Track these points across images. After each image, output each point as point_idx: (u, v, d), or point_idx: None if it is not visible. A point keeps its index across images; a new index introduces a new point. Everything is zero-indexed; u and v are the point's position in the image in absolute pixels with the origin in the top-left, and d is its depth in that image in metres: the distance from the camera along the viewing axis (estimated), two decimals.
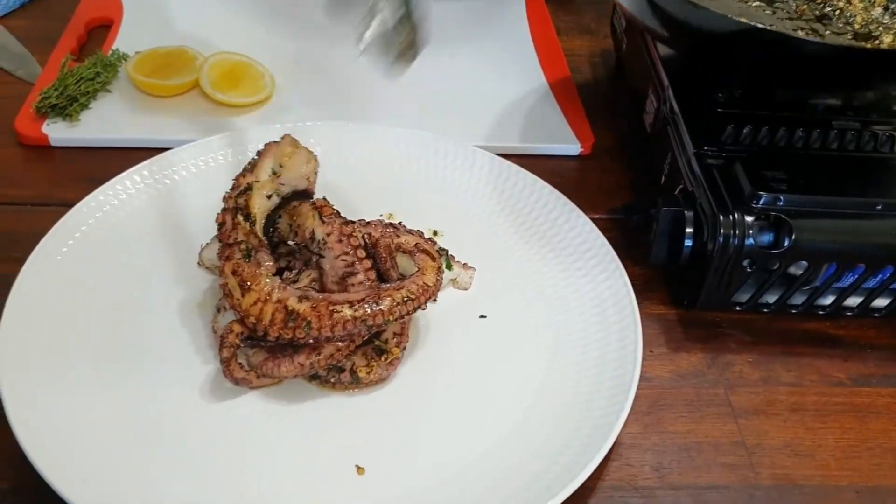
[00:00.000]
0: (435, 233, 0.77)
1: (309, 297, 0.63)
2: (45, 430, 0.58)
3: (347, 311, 0.62)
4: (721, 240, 0.68)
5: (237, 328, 0.63)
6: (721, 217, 0.68)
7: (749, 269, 0.69)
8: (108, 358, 0.65)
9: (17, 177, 0.83)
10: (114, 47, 0.97)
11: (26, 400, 0.60)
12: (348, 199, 0.70)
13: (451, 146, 0.84)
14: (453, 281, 0.73)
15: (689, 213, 0.71)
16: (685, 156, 0.76)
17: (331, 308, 0.62)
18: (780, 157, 0.75)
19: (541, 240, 0.76)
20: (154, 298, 0.70)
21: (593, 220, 0.77)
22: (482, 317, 0.71)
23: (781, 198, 0.69)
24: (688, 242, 0.71)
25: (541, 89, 0.97)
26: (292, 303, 0.62)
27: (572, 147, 0.90)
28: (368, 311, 0.62)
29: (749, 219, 0.68)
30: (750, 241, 0.68)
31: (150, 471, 0.58)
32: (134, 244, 0.73)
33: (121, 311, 0.68)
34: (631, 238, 0.81)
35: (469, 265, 0.74)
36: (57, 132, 0.86)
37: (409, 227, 0.72)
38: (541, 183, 0.80)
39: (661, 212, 0.72)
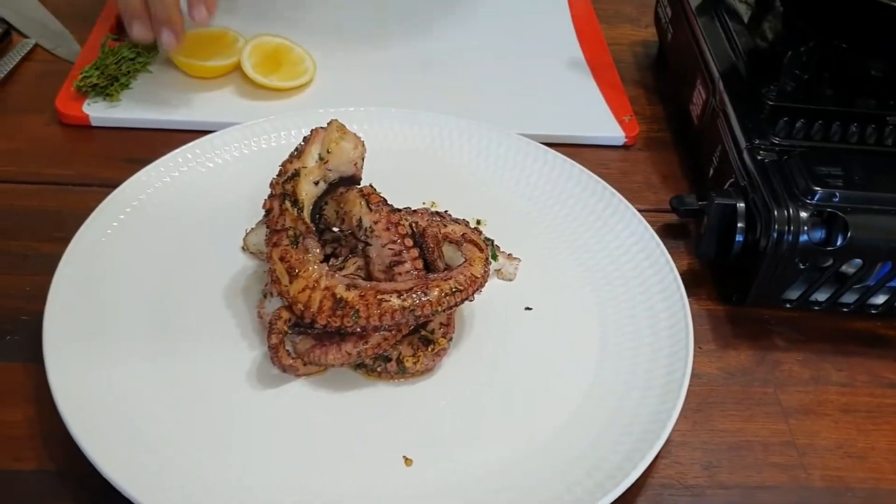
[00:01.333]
0: (478, 222, 0.76)
1: (357, 286, 0.62)
2: (91, 412, 0.58)
3: (396, 301, 0.61)
4: (775, 236, 0.66)
5: (285, 314, 0.62)
6: (776, 212, 0.67)
7: (802, 267, 0.68)
8: (153, 341, 0.64)
9: (58, 156, 0.82)
10: None
11: (72, 382, 0.59)
12: (391, 186, 0.69)
13: (495, 134, 0.83)
14: (498, 272, 0.72)
15: (741, 208, 0.70)
16: (736, 149, 0.74)
17: (379, 297, 0.61)
18: (833, 153, 0.73)
19: (587, 231, 0.75)
20: (198, 282, 0.69)
21: (638, 211, 0.75)
22: (528, 309, 0.70)
23: (837, 194, 0.68)
24: (739, 237, 0.70)
25: (584, 78, 0.96)
26: (340, 290, 0.62)
27: (617, 137, 0.89)
28: (417, 301, 0.61)
29: (804, 215, 0.67)
30: (804, 237, 0.66)
31: (196, 456, 0.58)
32: (177, 227, 0.73)
33: (165, 294, 0.68)
34: (676, 231, 0.80)
35: (514, 256, 0.73)
36: (98, 112, 0.85)
37: (453, 215, 0.71)
38: (586, 173, 0.79)
39: (712, 205, 0.71)
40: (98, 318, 0.65)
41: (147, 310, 0.66)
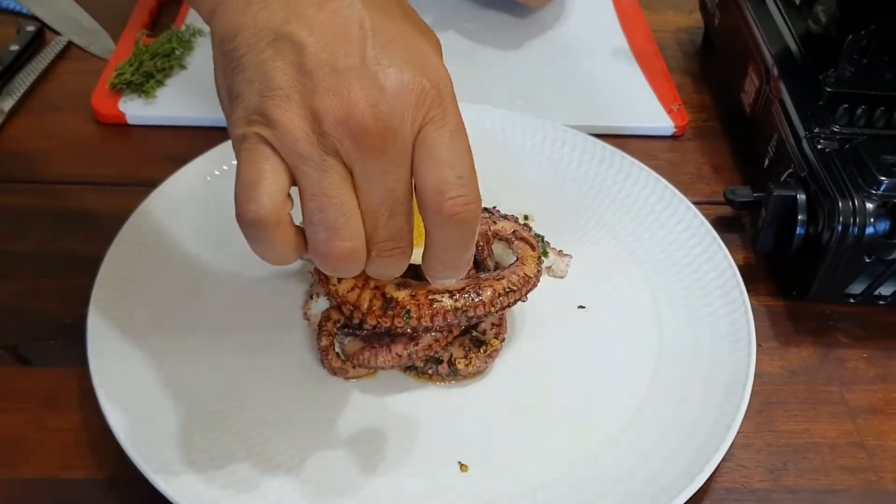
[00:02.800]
0: (526, 217, 0.74)
1: (407, 285, 0.60)
2: (138, 418, 0.56)
3: (447, 301, 0.59)
4: (839, 228, 0.64)
5: (335, 315, 0.60)
6: (840, 204, 0.64)
7: (867, 260, 0.65)
8: (199, 345, 0.63)
9: (95, 156, 0.81)
10: (187, 22, 0.95)
11: (118, 387, 0.58)
12: None
13: (540, 125, 0.81)
14: (549, 269, 0.70)
15: (801, 199, 0.67)
16: (794, 138, 0.71)
17: (430, 297, 0.59)
18: None
19: (640, 225, 0.73)
20: (242, 283, 0.67)
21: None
22: (581, 307, 0.68)
23: None
24: (800, 230, 0.67)
25: (629, 67, 0.93)
26: (391, 290, 0.59)
27: (665, 127, 0.86)
28: (469, 301, 0.59)
29: (870, 206, 0.64)
30: (870, 229, 0.64)
31: (246, 462, 0.56)
32: (218, 226, 0.71)
33: (209, 296, 0.66)
34: (730, 224, 0.77)
35: (564, 252, 0.71)
36: (134, 110, 0.84)
37: (500, 211, 0.69)
38: (637, 164, 0.76)
39: (771, 197, 0.68)
40: (141, 321, 0.63)
41: (190, 313, 0.65)
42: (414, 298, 0.59)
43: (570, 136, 0.79)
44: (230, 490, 0.54)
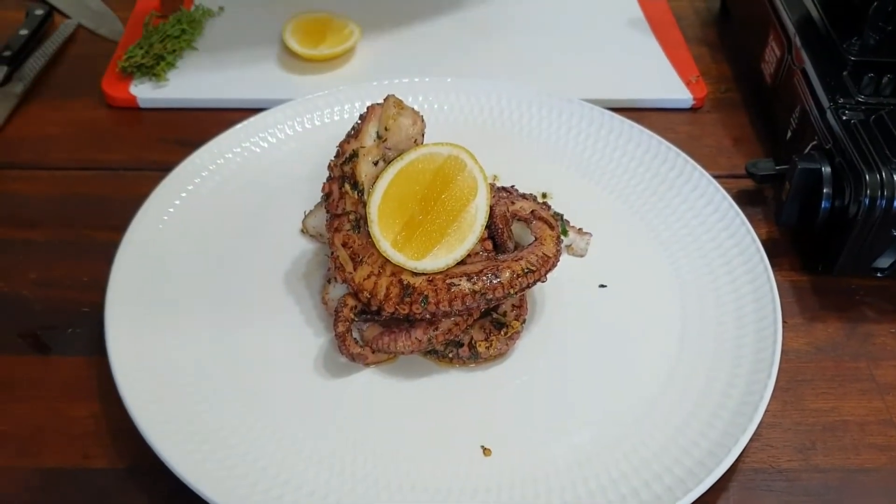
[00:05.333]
0: (544, 195, 0.73)
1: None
2: (158, 406, 0.56)
3: (466, 285, 0.58)
4: (867, 201, 0.62)
5: (351, 301, 0.60)
6: (867, 176, 0.62)
7: (895, 233, 0.64)
8: (217, 332, 0.62)
9: (107, 140, 0.80)
10: (196, 2, 0.94)
11: (137, 375, 0.57)
12: None
13: (556, 100, 0.79)
14: (568, 248, 0.69)
15: (826, 172, 0.66)
16: (818, 109, 0.70)
17: (448, 281, 0.58)
18: None
19: (660, 201, 0.71)
20: (259, 268, 0.67)
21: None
22: (602, 286, 0.67)
23: None
24: (825, 204, 0.66)
25: (645, 38, 0.92)
26: (407, 276, 0.59)
27: (684, 99, 0.84)
28: (488, 283, 0.58)
29: None
30: None
31: (267, 450, 0.56)
32: (234, 210, 0.70)
33: (226, 282, 0.66)
34: (752, 197, 0.76)
35: (584, 230, 0.70)
36: (145, 93, 0.83)
37: (518, 189, 0.68)
38: (656, 138, 0.75)
39: (795, 170, 0.66)
40: (159, 308, 0.63)
41: (208, 299, 0.64)
42: (431, 283, 0.58)
43: (586, 111, 0.78)
44: (251, 478, 0.54)
